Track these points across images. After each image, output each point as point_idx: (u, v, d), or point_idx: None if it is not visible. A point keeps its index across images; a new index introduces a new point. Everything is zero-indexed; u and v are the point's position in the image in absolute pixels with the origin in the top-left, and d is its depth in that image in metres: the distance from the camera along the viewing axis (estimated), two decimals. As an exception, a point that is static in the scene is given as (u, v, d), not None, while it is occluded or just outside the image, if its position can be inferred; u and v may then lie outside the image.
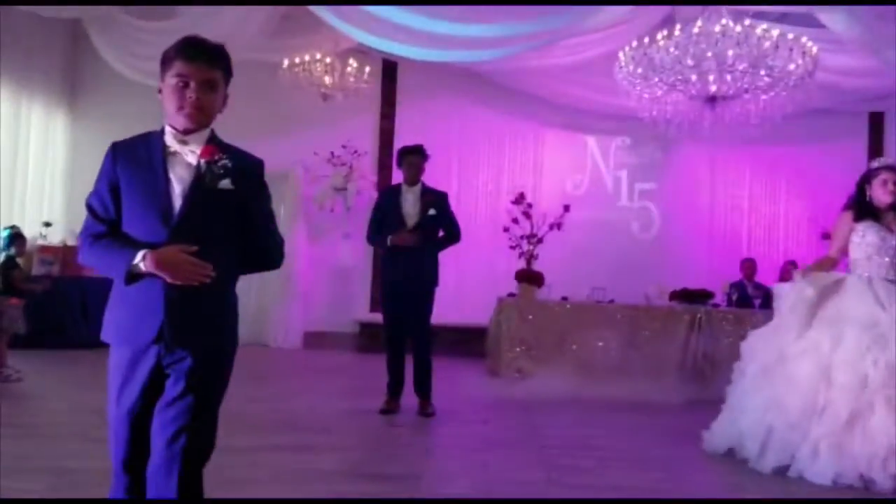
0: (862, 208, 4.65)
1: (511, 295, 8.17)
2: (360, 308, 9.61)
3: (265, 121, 8.62)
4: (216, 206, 2.25)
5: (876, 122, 10.31)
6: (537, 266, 8.18)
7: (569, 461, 4.49)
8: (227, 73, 2.32)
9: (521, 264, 8.18)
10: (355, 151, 9.14)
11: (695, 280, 8.57)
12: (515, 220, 8.19)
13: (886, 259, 4.51)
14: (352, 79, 8.40)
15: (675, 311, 7.82)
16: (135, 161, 2.28)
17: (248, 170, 2.32)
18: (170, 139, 2.29)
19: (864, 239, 4.58)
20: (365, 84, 8.48)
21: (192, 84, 2.23)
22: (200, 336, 2.25)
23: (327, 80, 8.16)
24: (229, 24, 7.44)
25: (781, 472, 4.22)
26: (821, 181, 10.07)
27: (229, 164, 2.25)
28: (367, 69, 8.57)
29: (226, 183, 2.24)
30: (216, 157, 2.25)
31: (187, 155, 2.27)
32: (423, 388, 5.64)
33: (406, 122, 9.88)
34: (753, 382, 4.62)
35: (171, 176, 2.26)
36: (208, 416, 2.28)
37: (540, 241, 8.15)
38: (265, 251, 2.42)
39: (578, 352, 7.67)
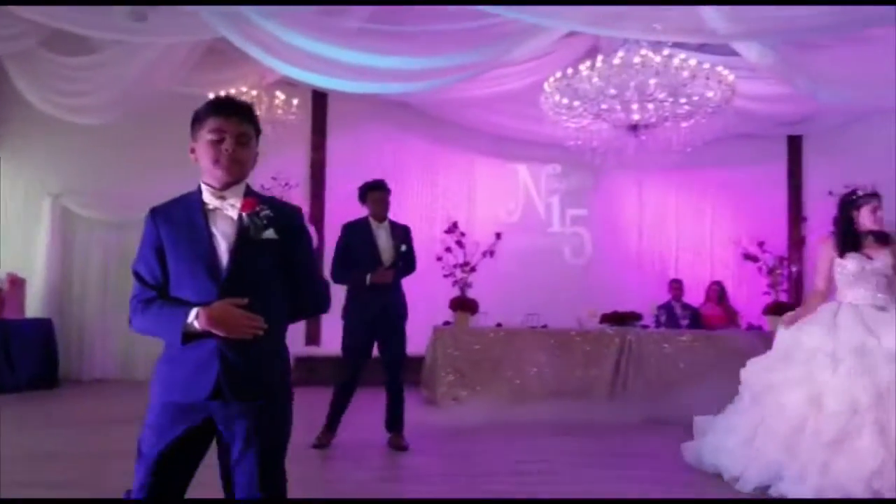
0: (847, 238, 4.74)
1: (446, 323, 8.21)
2: (296, 342, 9.50)
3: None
4: (262, 257, 2.29)
5: (794, 146, 10.71)
6: (472, 294, 8.25)
7: (500, 487, 4.51)
8: (257, 130, 2.41)
9: (456, 293, 8.24)
10: (286, 183, 9.09)
11: (626, 302, 8.75)
12: (448, 249, 8.26)
13: (869, 286, 4.64)
14: (280, 111, 8.37)
15: (606, 333, 7.97)
16: (175, 223, 2.31)
17: (288, 218, 2.37)
18: (207, 196, 2.33)
19: (845, 269, 4.71)
20: (293, 116, 8.46)
21: (227, 138, 2.29)
22: (257, 389, 2.27)
23: (255, 112, 8.10)
24: (152, 58, 7.38)
25: (762, 489, 4.34)
26: (744, 203, 10.42)
27: (271, 214, 2.29)
28: (295, 101, 8.56)
29: (270, 233, 2.28)
30: (258, 209, 2.29)
31: (227, 210, 2.30)
32: (400, 422, 5.67)
33: (337, 152, 9.89)
34: (745, 405, 4.76)
35: (215, 232, 2.29)
36: (277, 468, 2.32)
37: (473, 269, 8.23)
38: (312, 297, 2.46)
39: (513, 377, 7.74)
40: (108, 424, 6.37)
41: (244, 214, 2.28)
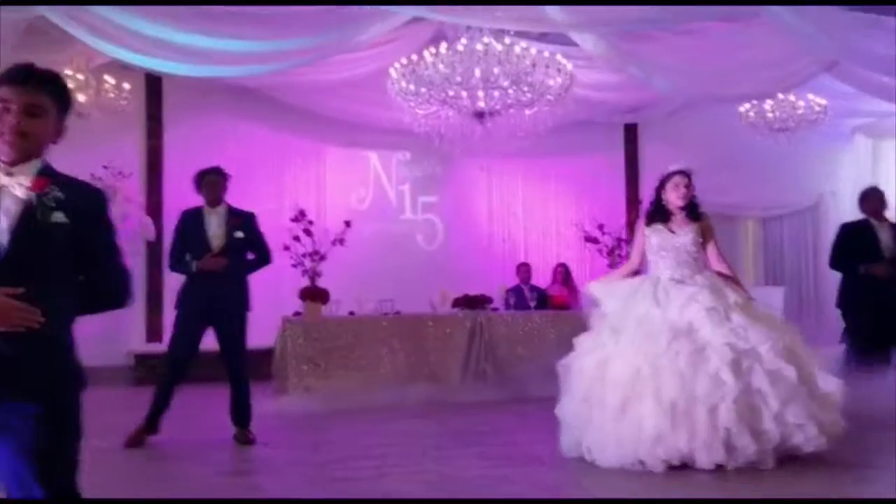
0: (654, 212, 4.94)
1: (296, 314, 8.05)
2: (136, 339, 9.04)
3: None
4: (48, 242, 2.08)
5: (631, 133, 11.26)
6: (322, 283, 8.12)
7: (348, 473, 4.48)
8: (61, 101, 2.19)
9: (305, 282, 8.09)
10: (119, 173, 8.59)
11: (477, 286, 8.90)
12: (297, 238, 8.09)
13: (669, 259, 4.80)
14: (111, 95, 7.88)
15: (458, 317, 8.08)
16: None
17: (86, 202, 2.17)
18: None
19: (651, 242, 4.89)
20: (125, 101, 7.98)
21: (13, 108, 2.08)
22: (33, 388, 2.05)
23: (81, 97, 7.54)
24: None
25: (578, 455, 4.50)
26: (585, 188, 10.86)
27: (62, 197, 2.09)
28: (127, 85, 8.06)
29: (59, 216, 2.08)
30: (47, 190, 2.09)
31: (15, 188, 2.08)
32: (245, 415, 5.49)
33: (175, 140, 9.40)
34: (565, 378, 4.84)
35: None
36: (60, 474, 2.08)
37: (323, 258, 8.10)
38: (108, 288, 2.28)
39: (367, 364, 7.71)
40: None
41: (32, 195, 2.10)
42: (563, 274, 9.68)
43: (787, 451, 4.27)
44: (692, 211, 4.91)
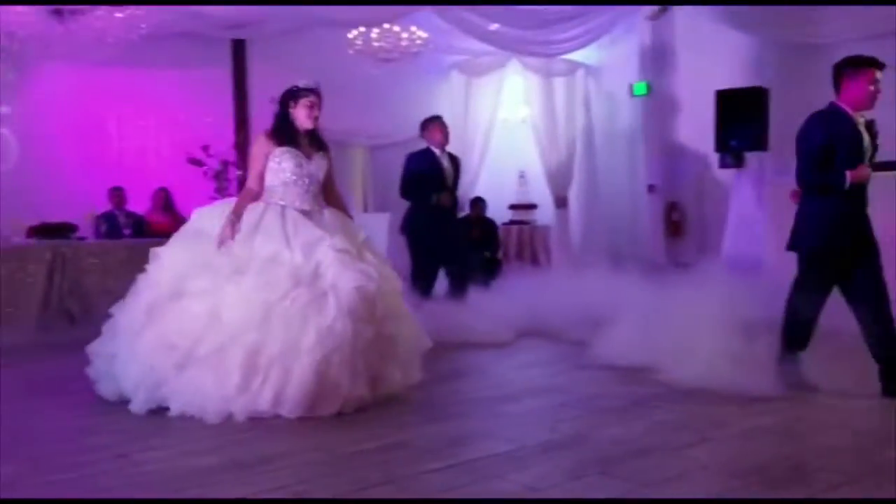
0: (284, 132, 4.40)
1: None
2: None
3: None
4: None
5: (239, 50, 10.64)
6: None
7: None
8: None
9: None
10: None
11: (60, 212, 7.81)
12: None
13: (301, 187, 4.36)
14: None
15: (33, 248, 7.03)
16: None
17: None
18: None
19: (280, 165, 4.36)
20: None
21: None
22: None
23: None
24: None
25: (161, 411, 3.97)
26: (188, 107, 10.02)
27: None
28: None
29: None
30: None
31: None
32: None
33: None
34: (144, 319, 4.11)
35: None
36: None
37: None
38: None
39: None
40: None
41: None
42: (163, 199, 8.96)
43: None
44: (317, 138, 4.55)
